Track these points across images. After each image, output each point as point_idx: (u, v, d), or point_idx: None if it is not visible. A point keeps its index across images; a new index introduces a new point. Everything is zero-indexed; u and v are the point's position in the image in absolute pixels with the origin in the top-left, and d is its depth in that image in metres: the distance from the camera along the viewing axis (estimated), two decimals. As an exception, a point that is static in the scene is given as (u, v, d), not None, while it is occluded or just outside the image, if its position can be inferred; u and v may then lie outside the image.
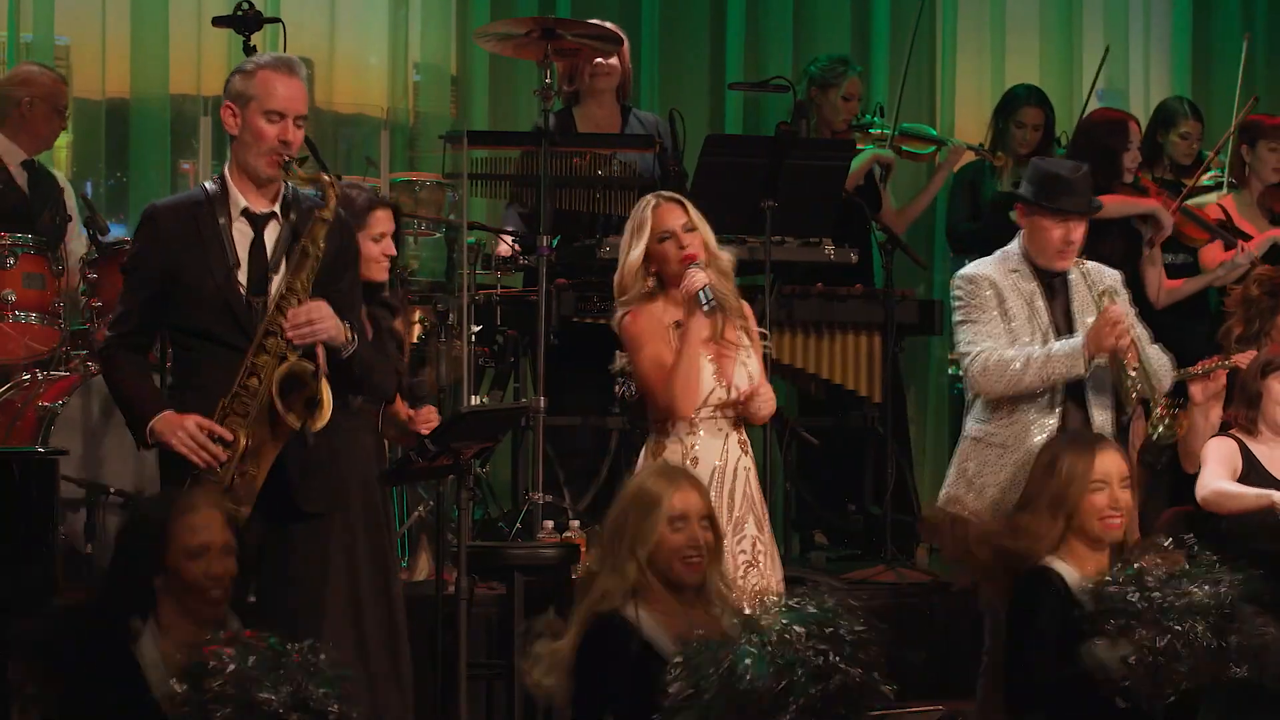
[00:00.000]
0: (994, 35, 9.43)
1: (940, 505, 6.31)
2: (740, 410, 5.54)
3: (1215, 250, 7.73)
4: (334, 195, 4.94)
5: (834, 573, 7.13)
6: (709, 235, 5.54)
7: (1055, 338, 5.95)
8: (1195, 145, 8.18)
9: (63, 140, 7.98)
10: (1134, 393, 5.93)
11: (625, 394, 6.41)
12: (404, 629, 5.40)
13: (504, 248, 7.35)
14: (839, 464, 7.93)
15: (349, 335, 4.94)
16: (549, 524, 6.44)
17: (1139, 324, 6.09)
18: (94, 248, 7.05)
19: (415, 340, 6.91)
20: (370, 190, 5.70)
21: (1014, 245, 6.14)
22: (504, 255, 7.32)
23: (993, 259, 6.15)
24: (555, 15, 8.35)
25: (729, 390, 5.51)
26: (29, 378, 6.86)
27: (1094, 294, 6.02)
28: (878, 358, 7.40)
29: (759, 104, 8.95)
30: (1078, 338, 5.92)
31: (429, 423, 5.61)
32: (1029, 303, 6.04)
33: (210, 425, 4.81)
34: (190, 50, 8.20)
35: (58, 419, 6.64)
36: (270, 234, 5.00)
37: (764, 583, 5.43)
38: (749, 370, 5.55)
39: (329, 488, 5.10)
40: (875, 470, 7.61)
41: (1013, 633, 5.11)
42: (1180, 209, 7.69)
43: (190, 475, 4.81)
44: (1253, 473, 6.04)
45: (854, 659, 4.39)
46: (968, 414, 6.16)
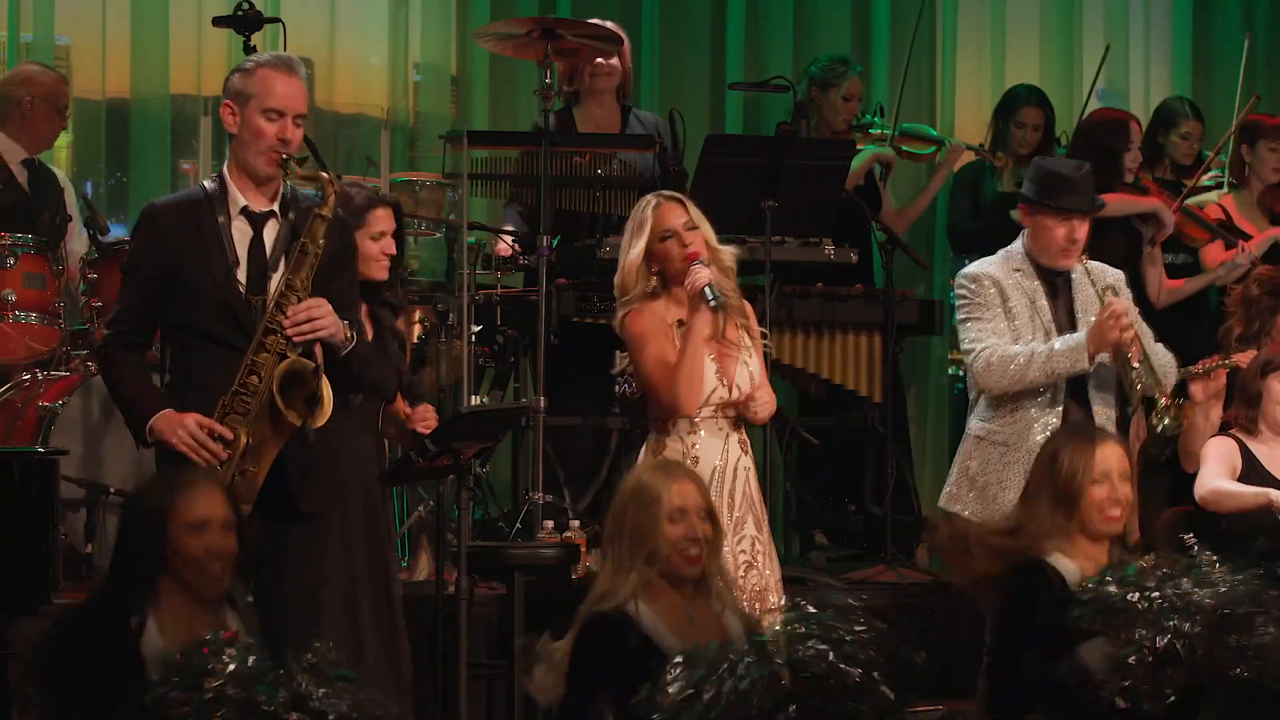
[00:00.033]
0: (994, 35, 9.43)
1: (942, 504, 6.31)
2: (740, 411, 5.54)
3: (1216, 250, 7.73)
4: (333, 193, 4.94)
5: (834, 573, 7.12)
6: (710, 234, 5.54)
7: (1058, 336, 5.96)
8: (1196, 145, 8.17)
9: (63, 140, 7.98)
10: (1138, 385, 5.93)
11: (627, 392, 6.41)
12: (402, 629, 5.39)
13: (504, 247, 7.34)
14: (839, 464, 7.93)
15: (348, 334, 4.94)
16: (549, 524, 6.45)
17: (1142, 322, 6.09)
18: (94, 248, 7.05)
19: (415, 340, 6.91)
20: (370, 189, 5.70)
21: (1017, 245, 6.14)
22: (504, 255, 7.32)
23: (995, 258, 6.15)
24: (555, 15, 8.35)
25: (730, 390, 5.51)
26: (29, 378, 6.86)
27: (1098, 289, 6.03)
28: (878, 358, 7.39)
29: (759, 104, 8.94)
30: (1081, 333, 5.93)
31: (425, 420, 5.60)
32: (1032, 301, 6.04)
33: (210, 424, 4.80)
34: (190, 50, 8.21)
35: (58, 419, 6.64)
36: (269, 233, 5.00)
37: (763, 583, 5.44)
38: (750, 370, 5.55)
39: (328, 487, 5.10)
40: (875, 470, 7.60)
41: (1004, 629, 5.07)
42: (1181, 209, 7.68)
43: None
44: (1252, 472, 6.04)
45: (854, 660, 4.38)
46: (971, 413, 6.16)
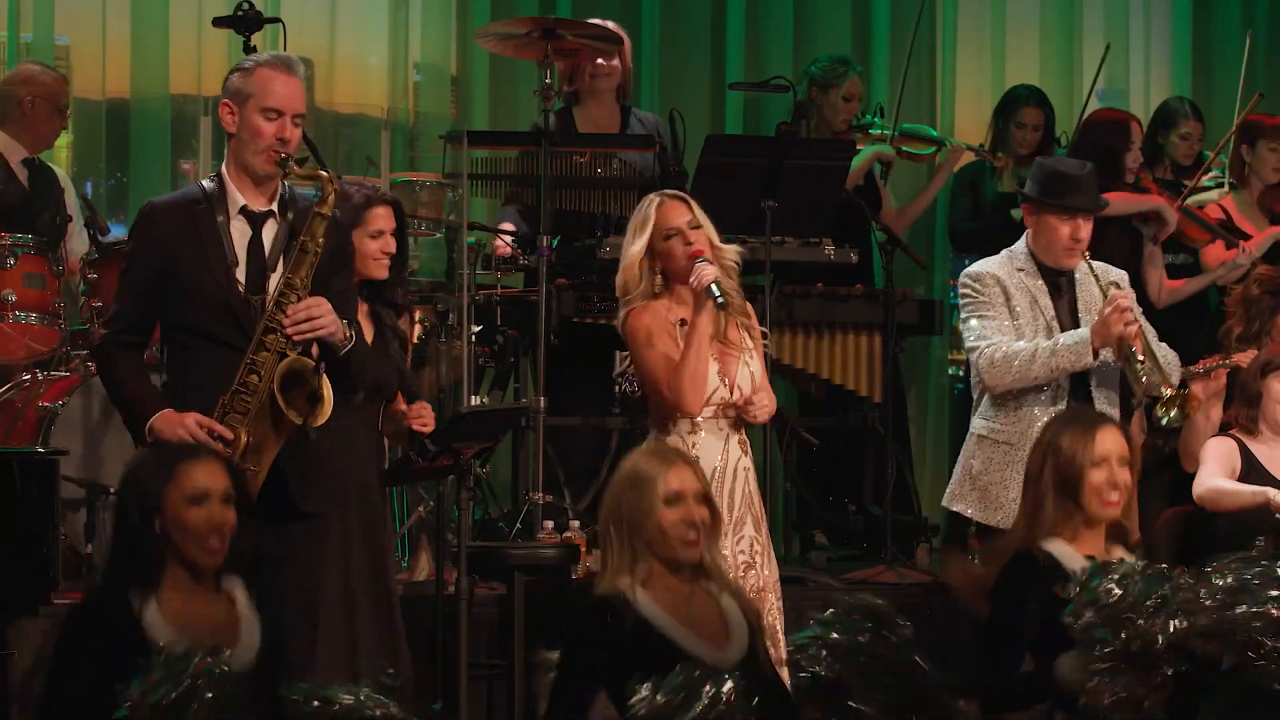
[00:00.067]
0: (994, 35, 9.43)
1: (944, 504, 6.31)
2: (740, 413, 5.54)
3: (1217, 250, 7.72)
4: (332, 191, 4.94)
5: (834, 573, 7.11)
6: (713, 233, 5.55)
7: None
8: (1196, 146, 8.17)
9: (63, 140, 7.98)
10: (1143, 378, 5.94)
11: (627, 391, 6.41)
12: (401, 629, 5.39)
13: (503, 247, 7.34)
14: (839, 464, 7.92)
15: (347, 333, 4.94)
16: (549, 524, 6.44)
17: (1145, 321, 6.10)
18: (94, 248, 7.04)
19: (415, 340, 6.91)
20: (370, 187, 5.70)
21: (1020, 245, 6.16)
22: (504, 255, 7.32)
23: (999, 258, 6.16)
24: (555, 15, 8.35)
25: (732, 390, 5.50)
26: (29, 378, 6.85)
27: (1101, 284, 6.04)
28: (878, 358, 7.38)
29: (759, 104, 8.94)
30: (1084, 329, 5.94)
31: (421, 418, 5.59)
32: (1035, 300, 6.06)
33: (210, 423, 4.79)
34: (190, 50, 8.20)
35: (58, 419, 6.63)
36: (268, 232, 4.99)
37: (762, 583, 5.44)
38: (751, 370, 5.55)
39: (327, 487, 5.10)
40: (875, 470, 7.59)
41: (992, 625, 5.02)
42: (1181, 209, 7.68)
43: None
44: (1252, 472, 6.03)
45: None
46: (974, 412, 6.17)
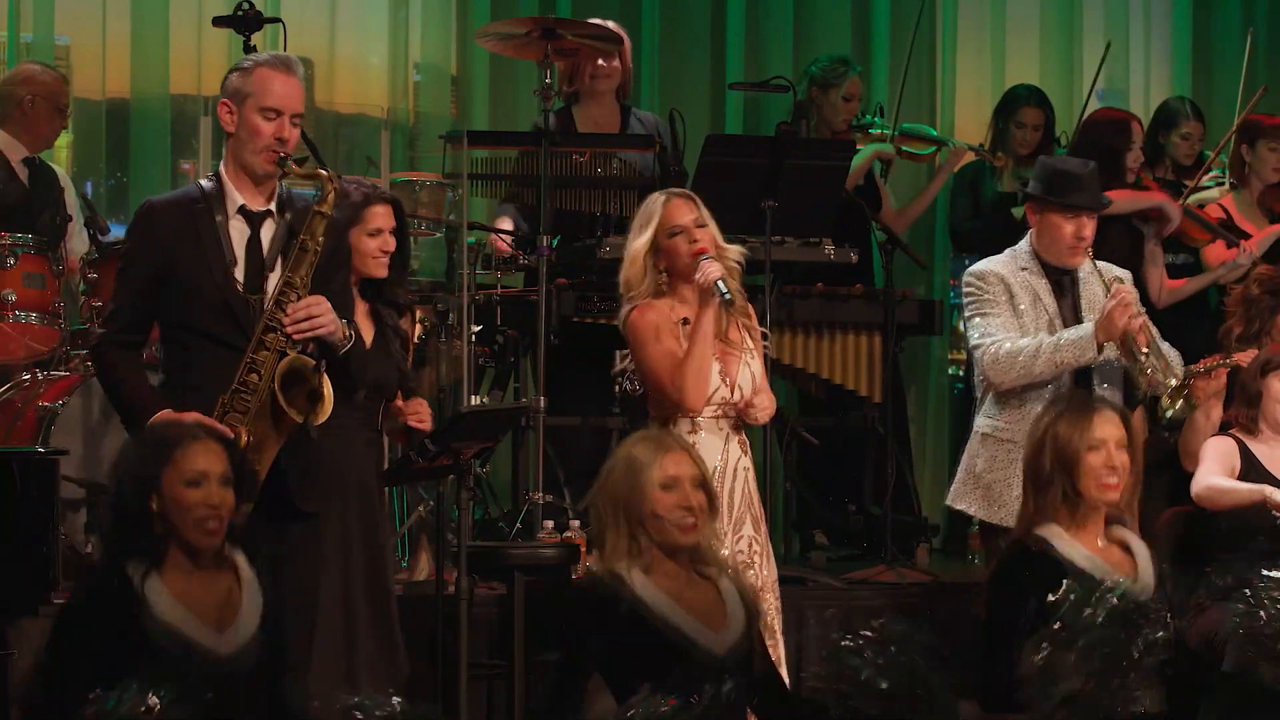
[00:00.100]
0: (994, 35, 9.43)
1: (948, 502, 6.31)
2: (741, 414, 5.54)
3: (1218, 250, 7.72)
4: (332, 190, 4.94)
5: (834, 573, 7.11)
6: (717, 233, 5.55)
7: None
8: (1196, 146, 8.17)
9: (63, 140, 7.98)
10: (1148, 371, 5.94)
11: (628, 390, 6.41)
12: (398, 628, 5.38)
13: (502, 245, 7.33)
14: (839, 464, 7.92)
15: (346, 333, 4.94)
16: (549, 524, 6.44)
17: (1147, 319, 6.10)
18: (94, 248, 7.04)
19: (416, 340, 6.90)
20: (369, 186, 5.69)
21: (1023, 244, 6.17)
22: (503, 254, 7.31)
23: (1002, 256, 6.17)
24: (555, 15, 8.34)
25: (733, 390, 5.51)
26: (29, 378, 6.85)
27: (1104, 279, 6.05)
28: (878, 358, 7.38)
29: (759, 104, 8.94)
30: (1088, 324, 5.94)
31: (418, 415, 5.59)
32: (1039, 299, 6.06)
33: (211, 423, 4.77)
34: (190, 50, 8.21)
35: (58, 419, 6.62)
36: (266, 232, 5.00)
37: (760, 583, 5.44)
38: (752, 371, 5.56)
39: (325, 486, 5.10)
40: (875, 470, 7.59)
41: (989, 620, 4.99)
42: (1182, 209, 7.68)
43: None
44: (1252, 471, 6.02)
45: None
46: (977, 410, 6.18)
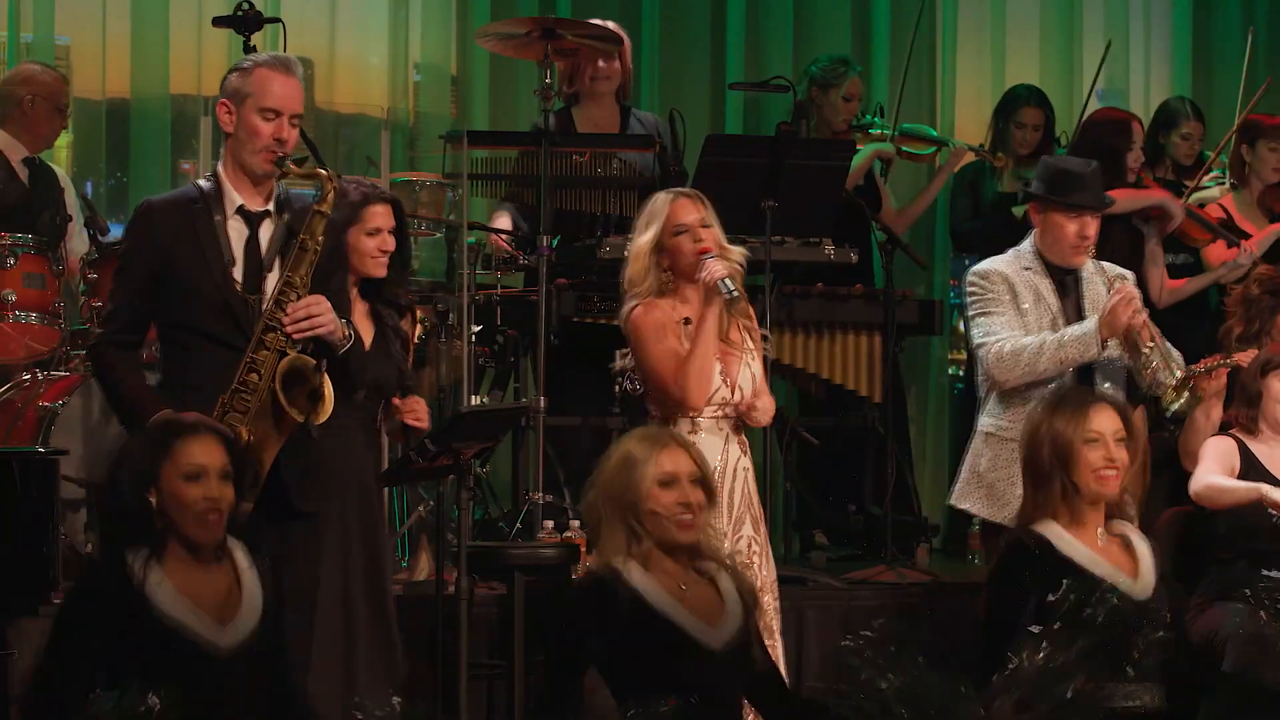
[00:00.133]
0: (994, 35, 9.43)
1: (951, 502, 6.31)
2: (743, 416, 5.54)
3: (1218, 250, 7.72)
4: (331, 190, 4.94)
5: (834, 573, 7.12)
6: (721, 234, 5.56)
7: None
8: (1197, 146, 8.17)
9: (63, 140, 7.98)
10: (1153, 364, 5.94)
11: (629, 388, 6.40)
12: (395, 629, 5.36)
13: (500, 242, 7.32)
14: (839, 464, 7.92)
15: (345, 332, 4.94)
16: (549, 524, 6.44)
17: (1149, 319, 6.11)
18: (94, 248, 7.05)
19: (416, 340, 6.90)
20: (368, 185, 5.68)
21: (1026, 244, 6.17)
22: (502, 250, 7.29)
23: (1005, 256, 6.18)
24: (555, 15, 8.34)
25: (733, 391, 5.51)
26: (29, 378, 6.84)
27: (1108, 277, 6.05)
28: (878, 358, 7.38)
29: (759, 104, 8.94)
30: (1091, 320, 5.95)
31: (414, 412, 5.58)
32: (1042, 298, 6.06)
33: (211, 423, 4.77)
34: (190, 50, 8.21)
35: (58, 419, 6.62)
36: (264, 232, 5.00)
37: (760, 583, 5.44)
38: (753, 371, 5.56)
39: (325, 486, 5.10)
40: (875, 470, 7.59)
41: (990, 617, 4.96)
42: (1183, 207, 7.67)
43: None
44: (1252, 471, 6.01)
45: None
46: (980, 410, 6.18)
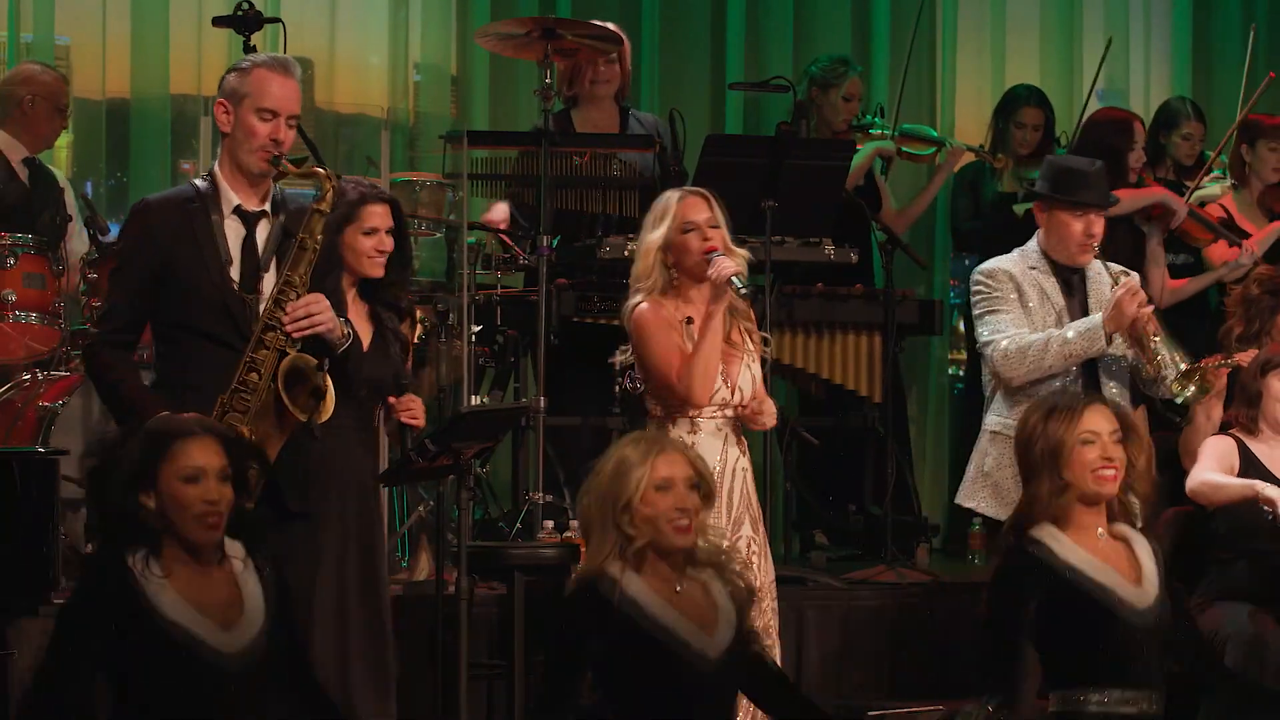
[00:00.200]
0: (994, 35, 9.43)
1: (958, 501, 6.31)
2: (747, 421, 5.54)
3: (1220, 250, 7.72)
4: (330, 189, 4.94)
5: (834, 573, 7.12)
6: (728, 236, 5.56)
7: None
8: (1198, 146, 8.17)
9: (63, 140, 7.98)
10: (1159, 356, 5.94)
11: (630, 387, 6.40)
12: (390, 629, 5.35)
13: (498, 213, 7.29)
14: (839, 464, 7.92)
15: (344, 331, 4.94)
16: (549, 524, 6.44)
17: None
18: (94, 248, 7.05)
19: (415, 340, 6.90)
20: (367, 185, 5.68)
21: (1031, 244, 6.18)
22: (497, 225, 7.25)
23: (1011, 256, 6.19)
24: (555, 15, 8.34)
25: (733, 392, 5.51)
26: (29, 378, 6.85)
27: (1112, 277, 6.06)
28: (878, 358, 7.38)
29: (759, 104, 8.93)
30: (1097, 315, 5.96)
31: (410, 410, 5.58)
32: (1047, 297, 6.07)
33: (209, 424, 4.77)
34: (190, 50, 8.20)
35: (58, 419, 6.63)
36: (261, 232, 5.00)
37: (757, 583, 5.44)
38: (753, 373, 5.57)
39: (323, 486, 5.10)
40: (875, 470, 7.59)
41: (990, 625, 4.94)
42: (1185, 204, 7.67)
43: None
44: (1252, 471, 6.00)
45: None
46: (986, 409, 6.19)
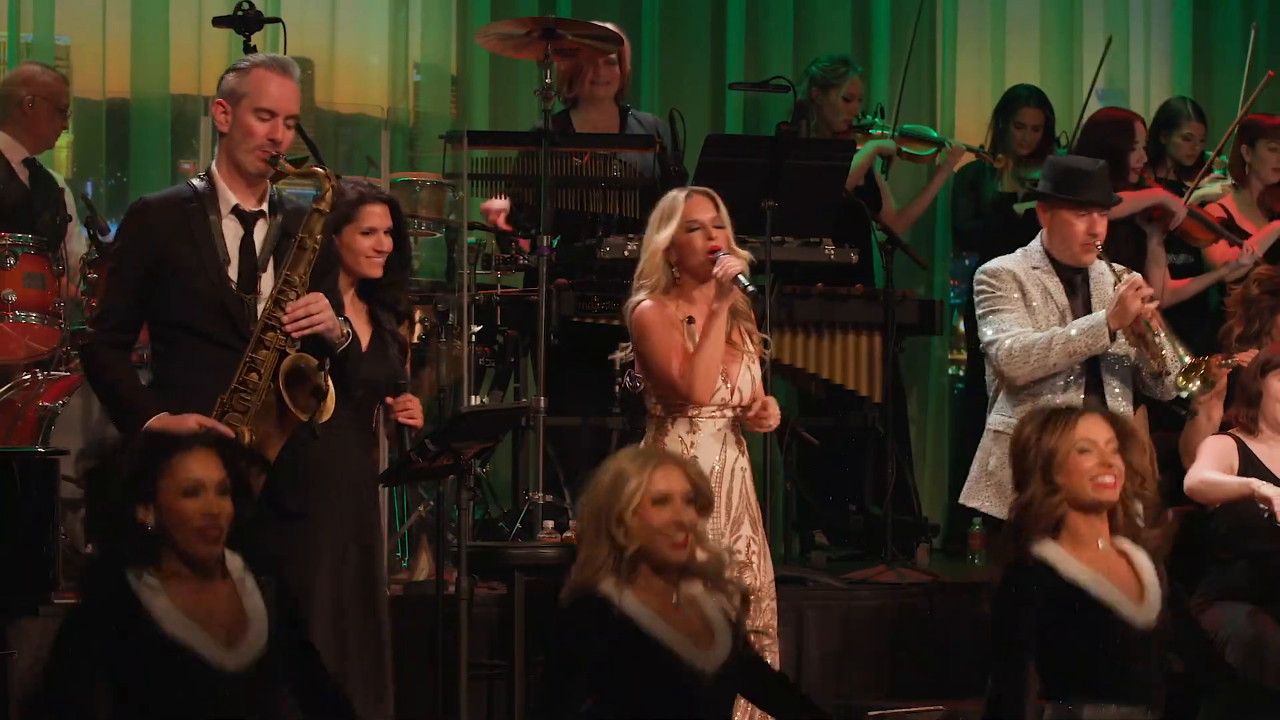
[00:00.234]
0: (994, 35, 9.43)
1: (961, 500, 6.30)
2: (748, 418, 5.54)
3: (1221, 250, 7.72)
4: (330, 189, 4.94)
5: (834, 573, 7.12)
6: (731, 238, 5.56)
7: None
8: (1198, 146, 8.17)
9: (63, 140, 7.98)
10: (1164, 352, 5.95)
11: (630, 385, 6.40)
12: (387, 630, 5.36)
13: (497, 213, 7.27)
14: (839, 464, 7.92)
15: (343, 330, 4.95)
16: (549, 524, 6.44)
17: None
18: (94, 248, 7.05)
19: (415, 340, 6.90)
20: (366, 185, 5.68)
21: (1035, 244, 6.18)
22: (494, 218, 7.23)
23: (1014, 255, 6.19)
24: (555, 15, 8.34)
25: (733, 392, 5.51)
26: (29, 378, 6.85)
27: (1115, 275, 6.07)
28: (878, 358, 7.39)
29: (759, 104, 8.94)
30: (1100, 313, 5.96)
31: (407, 410, 5.58)
32: (1051, 296, 6.07)
33: (212, 424, 4.76)
34: (190, 50, 8.20)
35: (58, 419, 6.63)
36: (259, 232, 5.00)
37: (757, 583, 5.44)
38: (753, 374, 5.57)
39: (320, 488, 5.10)
40: (875, 470, 7.59)
41: (994, 643, 4.92)
42: (1185, 204, 7.67)
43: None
44: (1251, 471, 6.01)
45: None
46: (990, 409, 6.19)
